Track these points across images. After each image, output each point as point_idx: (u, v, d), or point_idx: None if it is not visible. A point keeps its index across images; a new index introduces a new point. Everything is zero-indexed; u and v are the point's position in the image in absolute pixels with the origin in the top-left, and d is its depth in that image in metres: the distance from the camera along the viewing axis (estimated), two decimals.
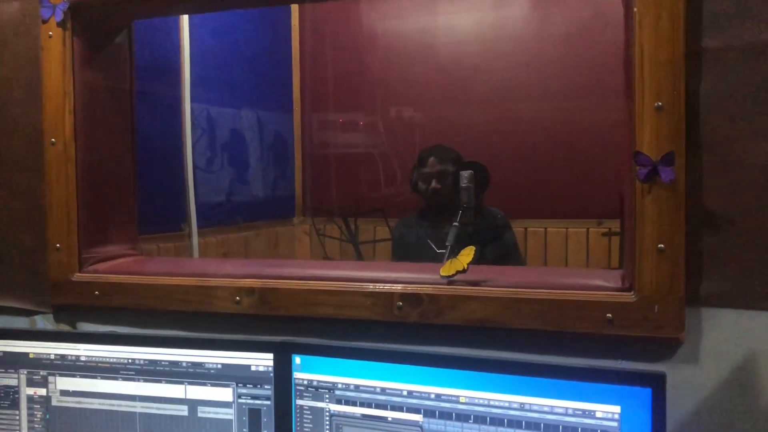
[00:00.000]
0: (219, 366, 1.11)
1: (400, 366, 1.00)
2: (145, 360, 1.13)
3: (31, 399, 1.18)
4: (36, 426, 1.19)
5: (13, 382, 1.19)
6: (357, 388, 1.03)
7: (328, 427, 1.04)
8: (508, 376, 0.93)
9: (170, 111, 2.68)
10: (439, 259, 2.16)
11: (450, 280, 1.24)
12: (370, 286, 1.27)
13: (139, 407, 1.14)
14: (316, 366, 1.05)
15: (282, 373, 1.07)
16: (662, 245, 1.09)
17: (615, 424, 0.89)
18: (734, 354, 1.09)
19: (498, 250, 2.40)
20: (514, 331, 1.19)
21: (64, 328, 1.50)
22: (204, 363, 1.11)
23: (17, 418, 1.18)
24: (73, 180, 1.48)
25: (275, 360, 1.08)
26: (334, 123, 3.64)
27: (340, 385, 1.04)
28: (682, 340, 1.10)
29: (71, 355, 1.17)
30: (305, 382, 1.06)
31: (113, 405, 1.15)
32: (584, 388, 0.89)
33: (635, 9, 1.10)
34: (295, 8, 3.59)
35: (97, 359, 1.16)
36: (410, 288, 1.25)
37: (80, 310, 1.50)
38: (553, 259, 3.23)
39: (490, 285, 1.22)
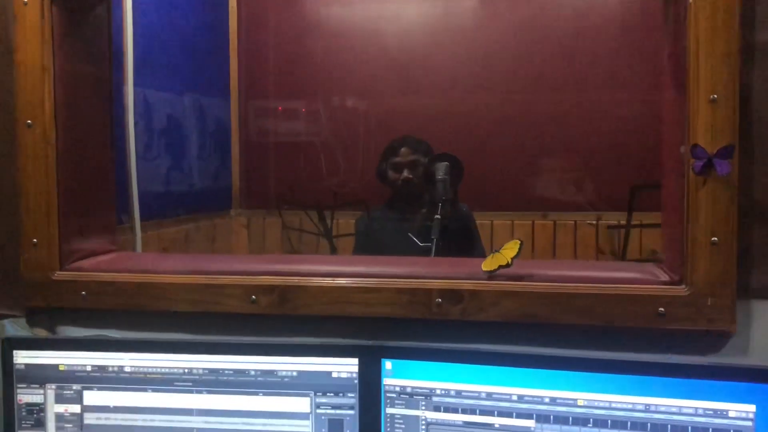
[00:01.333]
0: (294, 374, 1.01)
1: (507, 369, 0.94)
2: (204, 369, 1.01)
3: (60, 417, 1.03)
4: None
5: (37, 398, 1.03)
6: (459, 393, 0.96)
7: None
8: (630, 377, 0.89)
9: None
10: (422, 253, 2.11)
11: (491, 275, 1.19)
12: (406, 282, 1.20)
13: (197, 422, 1.01)
14: (409, 371, 0.98)
15: (369, 379, 0.98)
16: (716, 238, 1.09)
17: (750, 423, 0.88)
18: None
19: (466, 241, 2.38)
20: (558, 327, 1.16)
21: (41, 333, 1.33)
22: (276, 371, 1.01)
23: None
24: (53, 166, 1.31)
25: (361, 365, 0.99)
26: (273, 111, 3.50)
27: (438, 391, 0.97)
28: (733, 332, 1.10)
29: (113, 366, 1.02)
30: (397, 389, 0.98)
31: (164, 420, 1.01)
32: (715, 386, 0.87)
33: (690, 1, 1.09)
34: None
35: (145, 370, 1.02)
36: (449, 284, 1.19)
37: (61, 313, 1.34)
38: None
39: (534, 280, 1.18)
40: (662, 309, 1.11)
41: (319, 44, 3.41)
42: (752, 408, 0.89)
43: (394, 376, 1.00)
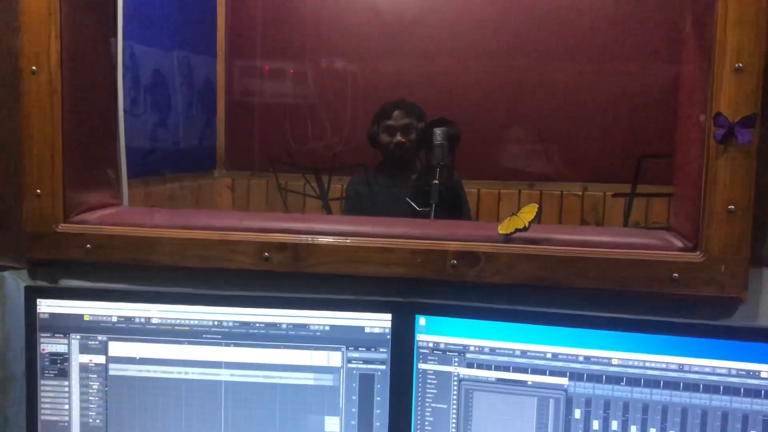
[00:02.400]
0: (326, 328, 1.00)
1: (542, 327, 0.94)
2: (234, 322, 0.99)
3: (84, 368, 1.00)
4: (92, 398, 1.01)
5: (61, 348, 1.00)
6: (492, 350, 0.96)
7: (455, 392, 0.98)
8: (664, 337, 0.90)
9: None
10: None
11: (508, 239, 1.20)
12: (421, 243, 1.20)
13: (225, 375, 1.00)
14: (443, 327, 0.98)
15: (402, 335, 0.98)
16: (732, 206, 1.10)
17: None
18: None
19: (455, 209, 2.39)
20: (573, 291, 1.17)
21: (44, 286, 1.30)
22: (308, 324, 1.00)
23: (66, 389, 1.00)
24: (58, 115, 1.27)
25: (394, 321, 0.98)
26: (260, 70, 3.44)
27: (472, 348, 0.97)
28: (744, 299, 1.12)
29: (139, 318, 1.00)
30: (430, 345, 0.98)
31: (191, 373, 1.00)
32: (748, 347, 0.89)
33: None
34: None
35: (173, 322, 1.00)
36: (465, 246, 1.19)
37: (65, 267, 1.31)
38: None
39: (550, 244, 1.19)
40: (676, 274, 1.12)
41: (309, 3, 3.34)
42: None
43: (428, 332, 1.00)
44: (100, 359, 1.02)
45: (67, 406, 1.01)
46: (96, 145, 1.38)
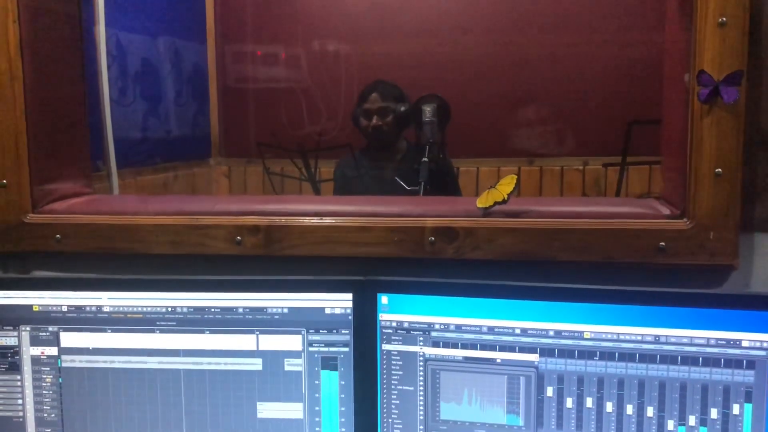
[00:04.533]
0: (284, 310, 0.96)
1: (509, 302, 0.90)
2: (188, 308, 0.96)
3: (36, 360, 0.97)
4: (45, 392, 0.98)
5: (11, 341, 0.97)
6: (459, 328, 0.92)
7: (422, 372, 0.93)
8: (638, 308, 0.86)
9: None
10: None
11: (486, 212, 1.15)
12: (397, 220, 1.15)
13: (183, 363, 0.96)
14: (406, 306, 0.93)
15: (364, 315, 0.94)
16: (720, 169, 1.05)
17: (763, 353, 0.85)
18: None
19: (444, 182, 2.35)
20: (557, 264, 1.13)
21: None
22: (265, 308, 0.96)
23: (18, 383, 0.97)
24: (21, 102, 1.23)
25: (355, 300, 0.94)
26: (252, 55, 3.39)
27: (437, 326, 0.93)
28: (736, 266, 1.07)
29: (90, 306, 0.97)
30: (394, 324, 0.94)
31: (148, 362, 0.96)
32: (727, 315, 0.84)
33: None
34: None
35: (125, 309, 0.97)
36: (443, 221, 1.14)
37: (34, 258, 1.27)
38: None
39: (532, 216, 1.14)
40: (663, 243, 1.07)
41: None
42: (766, 337, 0.86)
43: (391, 311, 0.95)
44: (52, 351, 0.99)
45: (20, 401, 0.98)
46: (64, 132, 1.34)
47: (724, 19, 1.02)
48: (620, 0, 2.95)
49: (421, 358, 0.94)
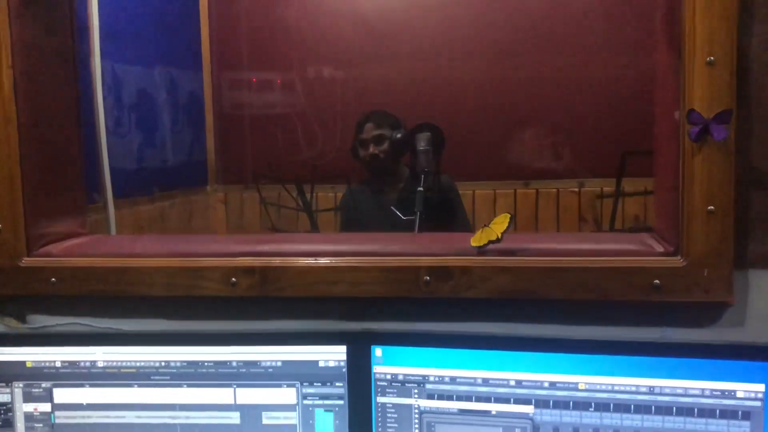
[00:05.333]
0: (278, 363, 0.96)
1: (504, 353, 0.90)
2: (183, 362, 0.95)
3: (30, 417, 0.97)
4: None
5: (4, 397, 0.96)
6: (453, 380, 0.92)
7: (417, 425, 0.93)
8: (633, 358, 0.86)
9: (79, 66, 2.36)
10: (406, 227, 2.07)
11: (481, 251, 1.15)
12: (393, 260, 1.15)
13: (180, 418, 0.96)
14: (400, 357, 0.93)
15: (358, 367, 0.93)
16: (712, 207, 1.05)
17: (759, 404, 0.85)
18: None
19: (448, 212, 2.35)
20: (552, 303, 1.13)
21: (11, 323, 1.26)
22: (259, 361, 0.95)
23: None
24: (15, 145, 1.23)
25: (349, 353, 0.94)
26: (248, 82, 3.40)
27: (431, 378, 0.93)
28: (731, 303, 1.07)
29: (84, 361, 0.96)
30: (388, 377, 0.94)
31: (144, 417, 0.96)
32: (722, 366, 0.84)
33: None
34: None
35: (118, 364, 0.96)
36: (438, 261, 1.14)
37: (31, 301, 1.27)
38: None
39: (526, 254, 1.14)
40: (657, 281, 1.07)
41: (294, 12, 3.31)
42: (761, 387, 0.86)
43: (385, 363, 0.95)
44: (46, 407, 0.98)
45: None
46: (59, 173, 1.35)
47: (713, 58, 1.03)
48: (618, 23, 2.97)
49: (416, 411, 0.94)
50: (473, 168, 3.14)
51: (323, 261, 1.17)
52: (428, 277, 1.14)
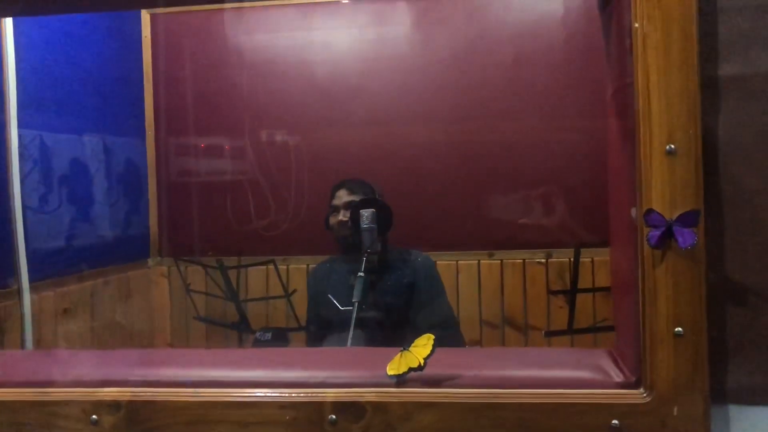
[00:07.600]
0: None
1: None
2: None
3: None
4: None
5: None
6: None
7: None
8: None
9: None
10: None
11: (400, 381, 0.93)
12: (290, 394, 0.93)
13: None
14: None
15: None
16: (680, 329, 0.84)
17: None
18: None
19: (424, 303, 2.07)
20: None
21: None
22: None
23: None
24: None
25: None
26: (195, 148, 3.20)
27: None
28: None
29: None
30: None
31: None
32: None
33: (636, 25, 0.85)
34: (146, 17, 3.13)
35: None
36: (346, 394, 0.92)
37: None
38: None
39: (456, 385, 0.92)
40: (616, 421, 0.86)
41: (245, 76, 3.14)
42: None
43: None
44: None
45: None
46: None
47: (673, 146, 0.84)
48: (584, 89, 2.82)
49: None
50: (434, 238, 2.94)
51: (205, 393, 0.94)
52: (334, 416, 0.91)
